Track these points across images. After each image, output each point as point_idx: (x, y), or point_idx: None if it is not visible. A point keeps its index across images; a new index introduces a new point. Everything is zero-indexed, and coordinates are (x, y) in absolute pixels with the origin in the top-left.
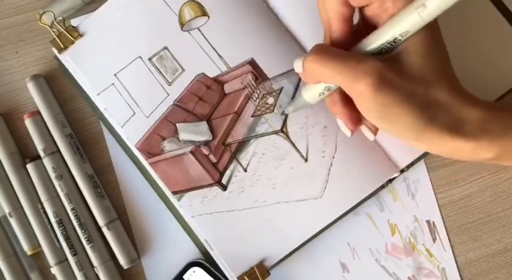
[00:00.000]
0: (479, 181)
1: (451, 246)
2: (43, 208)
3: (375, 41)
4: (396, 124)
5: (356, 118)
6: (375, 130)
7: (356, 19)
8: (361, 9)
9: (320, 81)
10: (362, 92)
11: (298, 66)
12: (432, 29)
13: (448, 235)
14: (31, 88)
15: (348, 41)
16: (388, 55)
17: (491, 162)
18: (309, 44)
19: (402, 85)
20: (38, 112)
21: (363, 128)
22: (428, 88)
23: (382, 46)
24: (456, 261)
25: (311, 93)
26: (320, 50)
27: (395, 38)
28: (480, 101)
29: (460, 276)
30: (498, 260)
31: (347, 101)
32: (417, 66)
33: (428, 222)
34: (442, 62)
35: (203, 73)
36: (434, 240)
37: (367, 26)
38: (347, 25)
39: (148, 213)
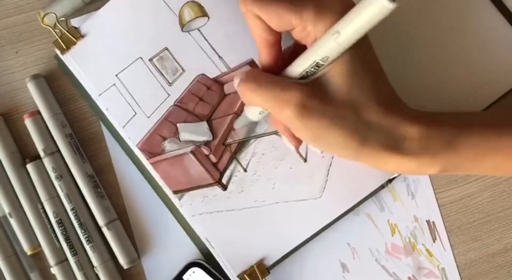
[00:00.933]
0: (479, 181)
1: (451, 246)
2: (43, 208)
3: (298, 67)
4: (331, 146)
5: None
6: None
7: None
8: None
9: (254, 105)
10: (289, 120)
11: (235, 83)
12: (356, 50)
13: (448, 235)
14: (31, 88)
15: (278, 64)
16: (314, 79)
17: (438, 174)
18: None
19: (328, 110)
20: (38, 112)
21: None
22: (357, 110)
23: (306, 71)
24: (456, 261)
25: (252, 112)
26: (247, 78)
27: (317, 63)
28: (419, 116)
29: (460, 276)
30: (498, 260)
31: None
32: (341, 89)
33: (428, 222)
34: (371, 81)
35: (203, 74)
36: (434, 240)
37: (300, 47)
38: (274, 49)
39: (148, 213)
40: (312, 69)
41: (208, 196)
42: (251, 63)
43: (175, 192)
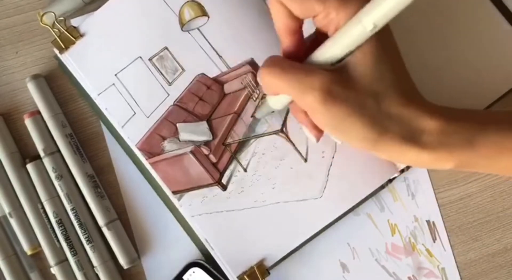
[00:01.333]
0: (479, 181)
1: (451, 246)
2: (43, 208)
3: (321, 54)
4: (349, 135)
5: None
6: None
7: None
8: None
9: (276, 92)
10: (311, 105)
11: (258, 76)
12: (380, 38)
13: (448, 235)
14: (31, 88)
15: (300, 52)
16: (339, 66)
17: (451, 169)
18: None
19: (351, 97)
20: (38, 112)
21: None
22: (378, 100)
23: (329, 59)
24: (456, 261)
25: (275, 101)
26: (271, 63)
27: (341, 52)
28: (439, 111)
29: (460, 276)
30: (498, 260)
31: None
32: (365, 78)
33: (428, 222)
34: (393, 71)
35: (203, 73)
36: (434, 240)
37: (321, 35)
38: (295, 37)
39: (148, 213)
40: (336, 57)
41: (207, 197)
42: (251, 62)
43: (174, 192)
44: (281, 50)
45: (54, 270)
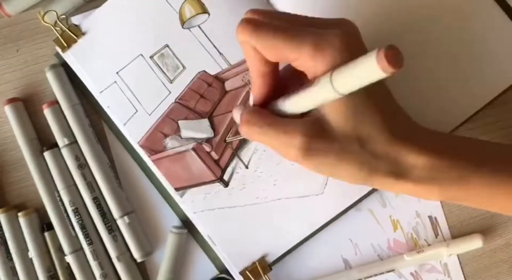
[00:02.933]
0: None
1: None
2: (59, 196)
3: (297, 105)
4: (339, 177)
5: None
6: None
7: None
8: None
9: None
10: (296, 159)
11: (236, 118)
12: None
13: (450, 230)
14: (50, 78)
15: (274, 91)
16: (315, 115)
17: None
18: None
19: (332, 147)
20: (57, 102)
21: None
22: (362, 143)
23: (304, 110)
24: (458, 257)
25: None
26: (249, 118)
27: (316, 106)
28: (431, 143)
29: (462, 271)
30: (500, 255)
31: None
32: (344, 126)
33: (430, 217)
34: (376, 112)
35: (204, 71)
36: (436, 235)
37: (297, 73)
38: (269, 78)
39: (150, 211)
40: (309, 109)
41: (210, 193)
42: None
43: (177, 189)
44: (254, 90)
45: (69, 258)
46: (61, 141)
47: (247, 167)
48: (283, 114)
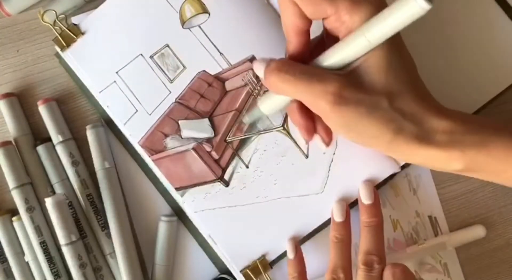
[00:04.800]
0: None
1: None
2: (52, 191)
3: (331, 58)
4: (363, 136)
5: (312, 128)
6: (328, 142)
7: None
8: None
9: (282, 94)
10: (324, 110)
11: (259, 69)
12: (392, 42)
13: (450, 230)
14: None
15: (306, 53)
16: (350, 68)
17: (462, 174)
18: None
19: (364, 99)
20: (53, 99)
21: (317, 139)
22: (392, 99)
23: (341, 62)
24: (458, 256)
25: (267, 106)
26: (281, 67)
27: (352, 56)
28: (451, 112)
29: (462, 271)
30: (500, 255)
31: (304, 111)
32: (378, 79)
33: (430, 217)
34: (406, 73)
35: (204, 71)
36: (436, 235)
37: (329, 37)
38: (303, 37)
39: (150, 212)
40: (347, 61)
41: (210, 193)
42: (252, 59)
43: (177, 188)
44: (287, 50)
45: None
46: (55, 138)
47: (247, 167)
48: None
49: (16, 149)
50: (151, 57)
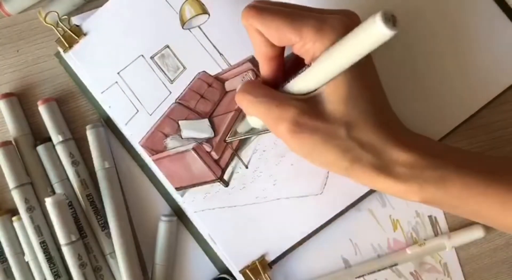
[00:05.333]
0: None
1: None
2: (53, 190)
3: (294, 85)
4: (321, 162)
5: None
6: None
7: None
8: None
9: (247, 113)
10: (282, 135)
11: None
12: (355, 70)
13: (450, 230)
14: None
15: (279, 76)
16: (312, 95)
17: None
18: None
19: (320, 127)
20: (54, 99)
21: None
22: (350, 129)
23: (304, 89)
24: (458, 256)
25: (253, 120)
26: (246, 88)
27: (314, 85)
28: (414, 141)
29: (462, 271)
30: (500, 254)
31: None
32: (336, 108)
33: (430, 217)
34: (368, 102)
35: (204, 71)
36: (436, 235)
37: (301, 59)
38: (274, 63)
39: (150, 209)
40: (309, 89)
41: (210, 193)
42: (252, 60)
43: (177, 188)
44: (260, 73)
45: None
46: (55, 138)
47: (247, 167)
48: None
49: (16, 149)
50: (151, 57)
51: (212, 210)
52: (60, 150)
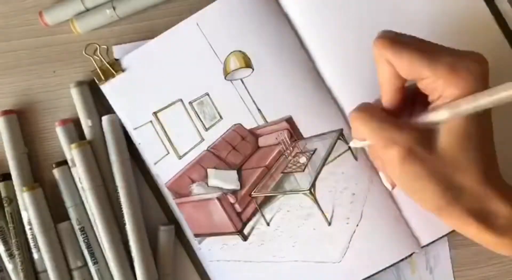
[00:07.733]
0: (499, 266)
1: None
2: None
3: (420, 120)
4: (419, 195)
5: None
6: (393, 184)
7: None
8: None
9: (362, 138)
10: (391, 159)
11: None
12: (477, 117)
13: None
14: (74, 94)
15: (398, 107)
16: (428, 127)
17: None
18: (347, 109)
19: (430, 161)
20: (71, 120)
21: (383, 177)
22: (455, 170)
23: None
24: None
25: (357, 144)
26: (362, 109)
27: (437, 122)
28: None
29: (453, 270)
30: (500, 254)
31: None
32: (449, 147)
33: None
34: (479, 150)
35: (240, 124)
36: None
37: (421, 93)
38: (397, 94)
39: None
40: (433, 123)
41: (227, 244)
42: (289, 119)
43: (196, 235)
44: (382, 101)
45: (74, 274)
46: (71, 160)
47: (268, 225)
48: None
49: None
50: (190, 103)
51: (227, 262)
52: (75, 173)
